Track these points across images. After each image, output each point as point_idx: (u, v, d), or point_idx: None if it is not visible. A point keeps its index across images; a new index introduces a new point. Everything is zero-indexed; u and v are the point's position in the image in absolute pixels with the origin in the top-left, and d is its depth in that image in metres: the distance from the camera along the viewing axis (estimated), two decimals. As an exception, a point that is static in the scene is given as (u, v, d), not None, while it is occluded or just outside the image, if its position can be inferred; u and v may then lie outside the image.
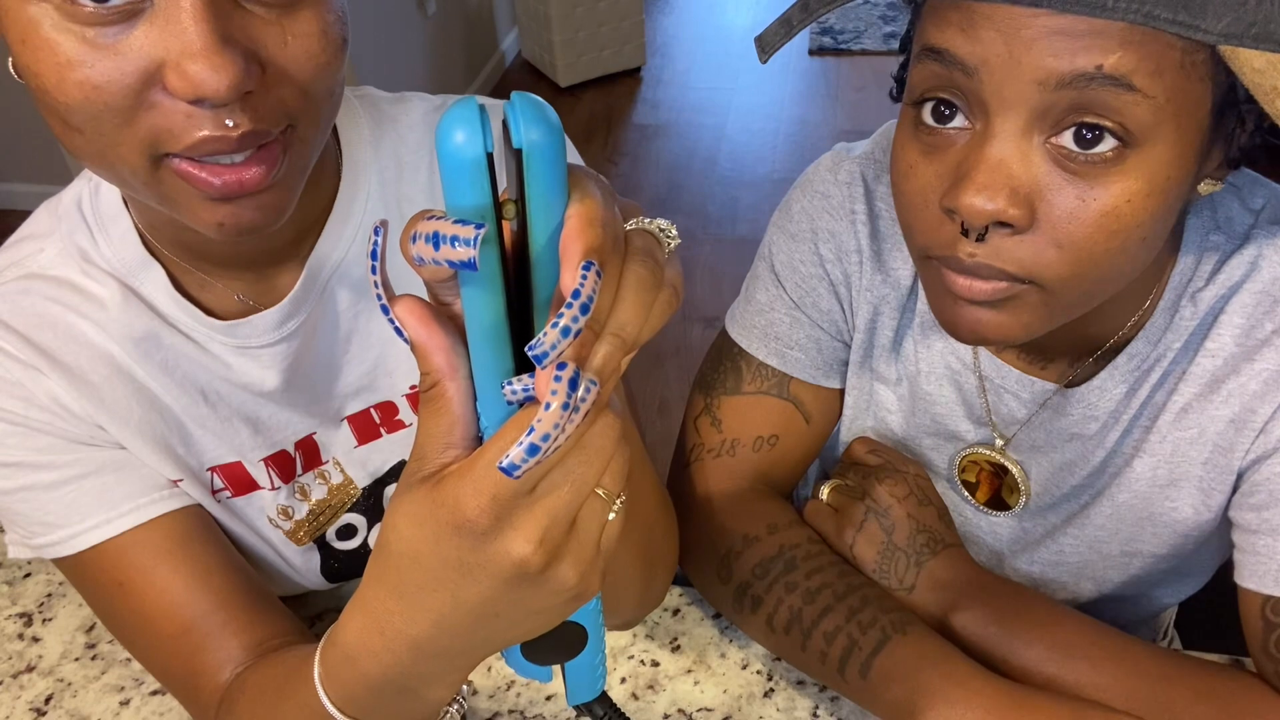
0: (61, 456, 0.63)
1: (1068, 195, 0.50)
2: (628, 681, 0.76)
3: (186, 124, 0.46)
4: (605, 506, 0.37)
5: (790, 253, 0.76)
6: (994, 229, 0.52)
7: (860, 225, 0.74)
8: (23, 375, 0.61)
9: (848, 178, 0.75)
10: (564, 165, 0.32)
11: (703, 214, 2.94)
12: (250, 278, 0.64)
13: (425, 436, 0.36)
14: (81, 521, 0.63)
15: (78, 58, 0.45)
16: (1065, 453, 0.72)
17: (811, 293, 0.76)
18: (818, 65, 3.73)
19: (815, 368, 0.77)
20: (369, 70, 2.68)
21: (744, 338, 0.78)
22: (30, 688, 0.79)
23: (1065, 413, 0.70)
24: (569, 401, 0.31)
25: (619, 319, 0.33)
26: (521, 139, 0.31)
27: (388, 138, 0.67)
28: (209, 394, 0.66)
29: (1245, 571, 0.63)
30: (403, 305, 0.34)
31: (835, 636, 0.67)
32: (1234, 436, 0.64)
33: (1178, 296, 0.64)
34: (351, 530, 0.77)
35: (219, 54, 0.44)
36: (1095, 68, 0.47)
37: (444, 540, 0.35)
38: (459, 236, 0.30)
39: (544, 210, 0.32)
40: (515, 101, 0.31)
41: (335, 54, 0.50)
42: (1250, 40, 0.45)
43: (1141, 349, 0.66)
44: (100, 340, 0.63)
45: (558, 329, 0.30)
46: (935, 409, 0.76)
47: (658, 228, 0.36)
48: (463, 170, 0.30)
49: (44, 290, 0.62)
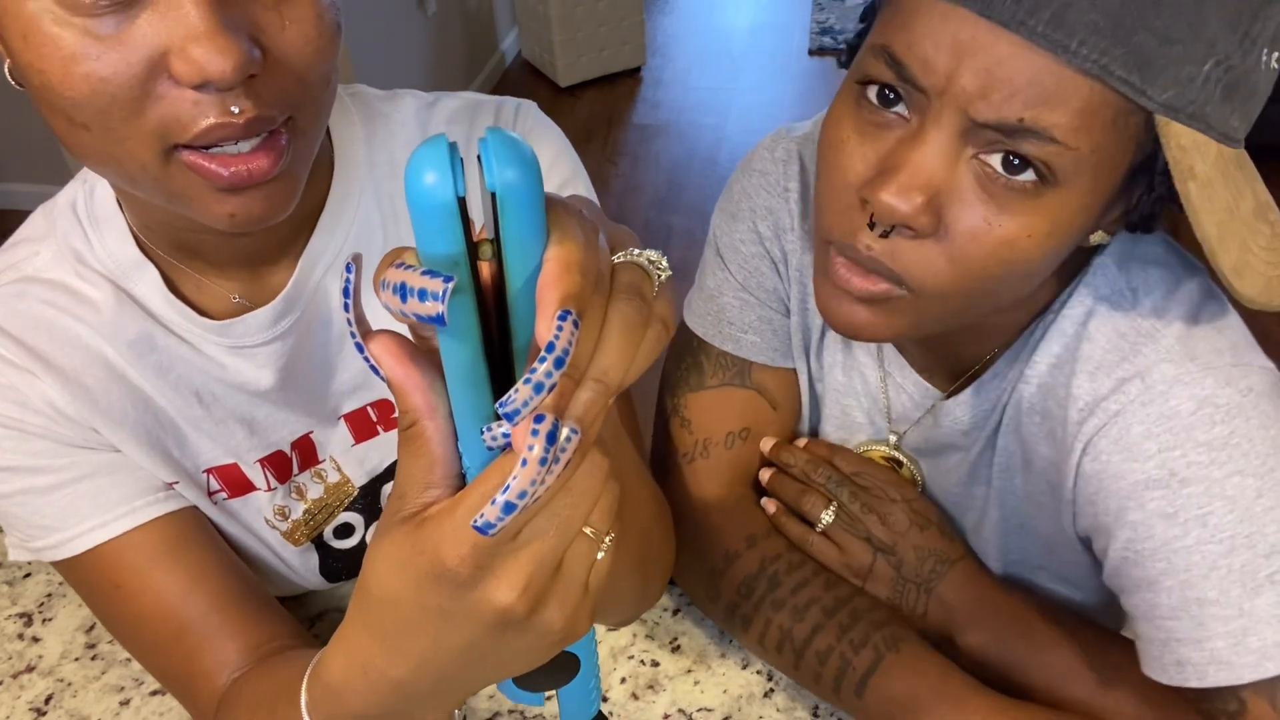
0: (57, 460, 0.63)
1: (976, 214, 0.51)
2: (628, 681, 0.76)
3: (194, 112, 0.46)
4: (593, 546, 0.36)
5: (731, 233, 0.76)
6: (898, 229, 0.52)
7: (794, 203, 0.73)
8: (17, 379, 0.61)
9: (784, 155, 0.75)
10: (541, 204, 0.30)
11: (703, 214, 2.93)
12: (244, 276, 0.64)
13: (405, 476, 0.34)
14: (78, 525, 0.63)
15: (82, 50, 0.45)
16: (945, 460, 0.73)
17: (755, 273, 0.75)
18: (818, 65, 3.72)
19: (772, 349, 0.77)
20: (369, 70, 2.68)
21: (698, 325, 0.78)
22: (30, 688, 0.79)
23: (939, 422, 0.71)
24: (546, 455, 0.30)
25: (601, 363, 0.32)
26: (495, 180, 0.29)
27: (380, 135, 0.67)
28: (204, 396, 0.66)
29: (1145, 662, 0.59)
30: (378, 343, 0.33)
31: (828, 657, 0.67)
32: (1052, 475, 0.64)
33: (1040, 321, 0.64)
34: (349, 529, 0.77)
35: (222, 36, 0.44)
36: (1017, 120, 0.48)
37: (424, 587, 0.34)
38: (426, 290, 0.28)
39: (520, 252, 0.30)
40: (489, 139, 0.29)
41: (330, 39, 0.50)
42: (1186, 117, 0.47)
43: (1003, 369, 0.66)
44: (95, 343, 0.63)
45: (530, 385, 0.29)
46: (844, 399, 0.77)
47: (647, 259, 0.34)
48: (432, 216, 0.29)
49: (39, 294, 0.62)
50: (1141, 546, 0.57)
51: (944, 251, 0.52)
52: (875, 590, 0.72)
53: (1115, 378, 0.59)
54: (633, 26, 3.57)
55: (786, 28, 4.00)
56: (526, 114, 0.70)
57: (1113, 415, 0.58)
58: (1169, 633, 0.57)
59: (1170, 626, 0.57)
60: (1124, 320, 0.60)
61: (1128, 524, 0.58)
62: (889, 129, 0.53)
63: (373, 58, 2.73)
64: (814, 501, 0.74)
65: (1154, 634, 0.58)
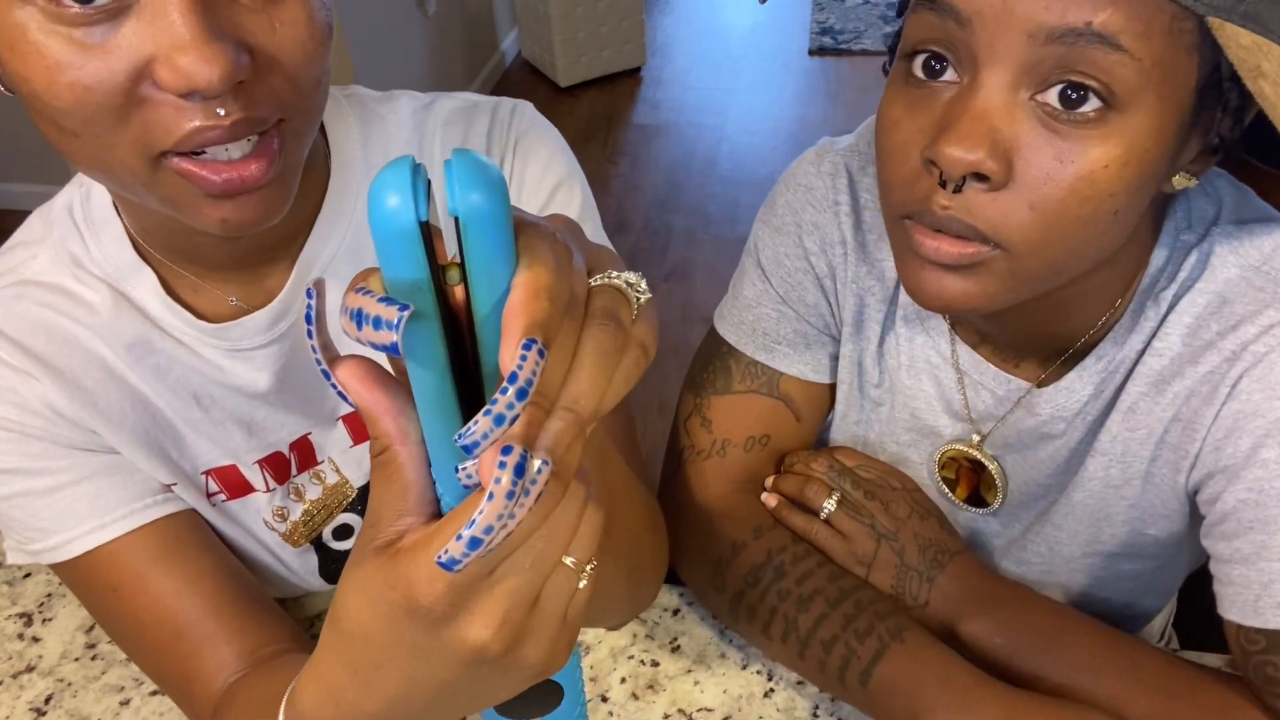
0: (56, 462, 0.63)
1: (1046, 155, 0.50)
2: (628, 681, 0.76)
3: (177, 117, 0.46)
4: (573, 577, 0.35)
5: (775, 247, 0.76)
6: (970, 182, 0.51)
7: (844, 217, 0.74)
8: (16, 381, 0.61)
9: (831, 169, 0.75)
10: (508, 227, 0.29)
11: (703, 214, 2.93)
12: (242, 279, 0.64)
13: (378, 503, 0.33)
14: (76, 527, 0.63)
15: (66, 59, 0.44)
16: (1037, 452, 0.72)
17: (797, 286, 0.76)
18: (818, 65, 3.72)
19: (804, 363, 0.77)
20: (369, 70, 2.68)
21: (731, 334, 0.78)
22: (30, 688, 0.79)
23: (1035, 412, 0.70)
24: (514, 489, 0.28)
25: (573, 391, 0.31)
26: (458, 205, 0.28)
27: (376, 136, 0.67)
28: (202, 397, 0.66)
29: (1224, 603, 0.62)
30: (345, 368, 0.32)
31: (833, 646, 0.67)
32: (1180, 437, 0.64)
33: (1145, 296, 0.64)
34: (348, 530, 0.76)
35: (209, 45, 0.44)
36: (1085, 24, 0.47)
37: (397, 623, 0.33)
38: (381, 318, 0.27)
39: (486, 277, 0.29)
40: (453, 161, 0.28)
41: (322, 41, 0.50)
42: (1239, 18, 0.46)
43: (1109, 350, 0.66)
44: (93, 345, 0.63)
45: (490, 417, 0.27)
46: (914, 403, 0.76)
47: (625, 282, 0.33)
48: (394, 241, 0.28)
49: (37, 296, 0.62)
50: (1270, 485, 0.58)
51: (1022, 198, 0.51)
52: (879, 579, 0.72)
53: (1260, 325, 0.59)
54: (633, 26, 3.57)
55: (786, 28, 4.00)
56: (522, 114, 0.70)
57: (1260, 357, 0.59)
58: (1275, 575, 0.58)
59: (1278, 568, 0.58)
60: (1256, 274, 0.61)
61: (1259, 462, 0.59)
62: (939, 96, 0.52)
63: (373, 58, 2.73)
64: (817, 490, 0.75)
65: (1255, 577, 0.59)
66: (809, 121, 3.37)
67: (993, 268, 0.54)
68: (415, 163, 0.29)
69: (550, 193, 0.68)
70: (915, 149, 0.53)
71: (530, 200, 0.68)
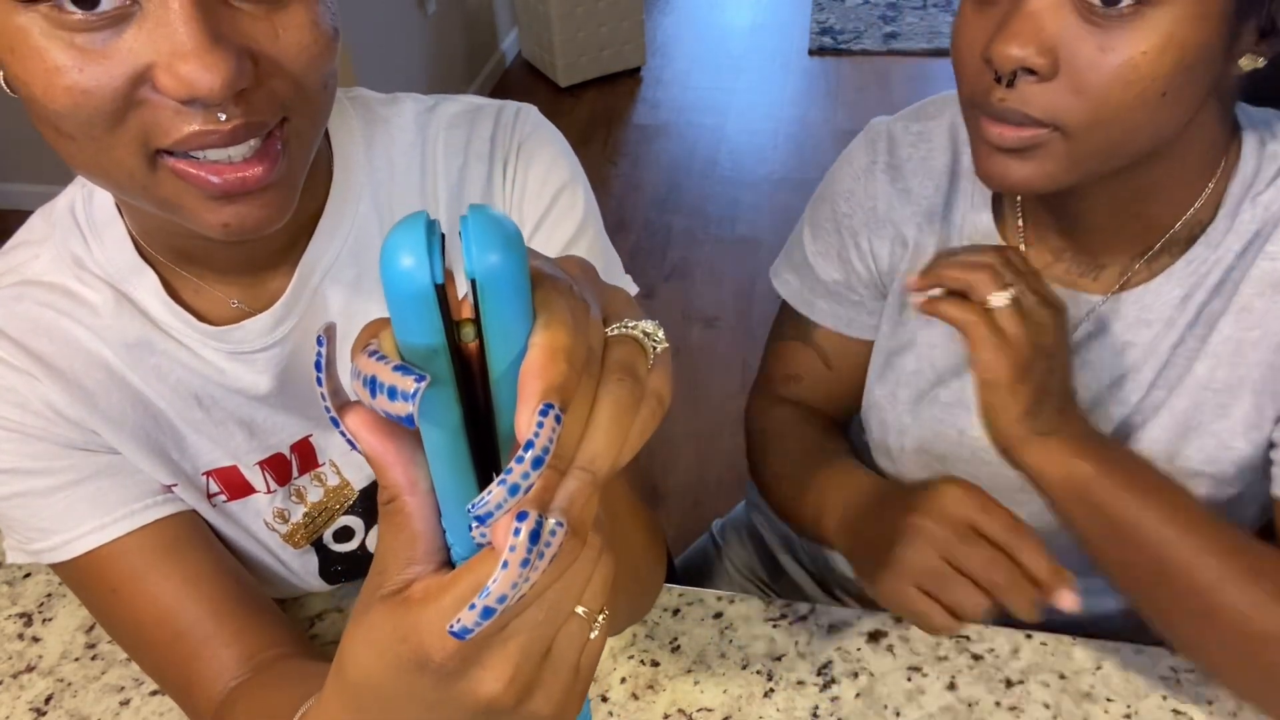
0: (56, 462, 0.63)
1: (1089, 46, 0.57)
2: (628, 681, 0.76)
3: (176, 120, 0.46)
4: (585, 626, 0.34)
5: (817, 212, 0.86)
6: (1022, 76, 0.58)
7: (880, 169, 0.81)
8: (17, 381, 0.61)
9: (873, 136, 0.83)
10: (525, 286, 0.28)
11: (703, 214, 2.93)
12: (243, 282, 0.64)
13: (386, 550, 0.33)
14: (76, 527, 0.63)
15: (65, 64, 0.44)
16: (1116, 366, 0.73)
17: (834, 246, 0.84)
18: (818, 65, 3.72)
19: (835, 317, 0.87)
20: (369, 70, 2.68)
21: (784, 288, 0.90)
22: (30, 688, 0.79)
23: (1119, 316, 0.72)
24: (529, 557, 0.28)
25: (589, 451, 0.30)
26: (475, 267, 0.27)
27: (379, 139, 0.67)
28: (203, 398, 0.66)
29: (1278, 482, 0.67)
30: (354, 416, 0.31)
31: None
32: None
33: (1238, 201, 0.68)
34: (349, 533, 0.76)
35: (210, 53, 0.43)
36: None
37: (406, 675, 0.32)
38: (397, 389, 0.26)
39: (503, 338, 0.28)
40: (470, 221, 0.27)
41: (327, 44, 0.50)
42: None
43: (1201, 253, 0.69)
44: (94, 346, 0.62)
45: (505, 486, 0.27)
46: None
47: (642, 332, 0.32)
48: (408, 304, 0.27)
49: (39, 296, 0.62)
50: None
51: (1069, 86, 0.58)
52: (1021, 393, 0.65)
53: None
54: (633, 26, 3.57)
55: (786, 28, 4.00)
56: (526, 118, 0.70)
57: None
58: None
59: None
60: None
61: None
62: (998, 2, 0.60)
63: (373, 58, 2.73)
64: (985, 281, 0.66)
65: None
66: (809, 121, 3.37)
67: (1051, 149, 0.61)
68: (429, 220, 0.28)
69: (553, 198, 0.68)
70: (978, 46, 0.61)
71: (532, 206, 0.68)
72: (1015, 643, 0.77)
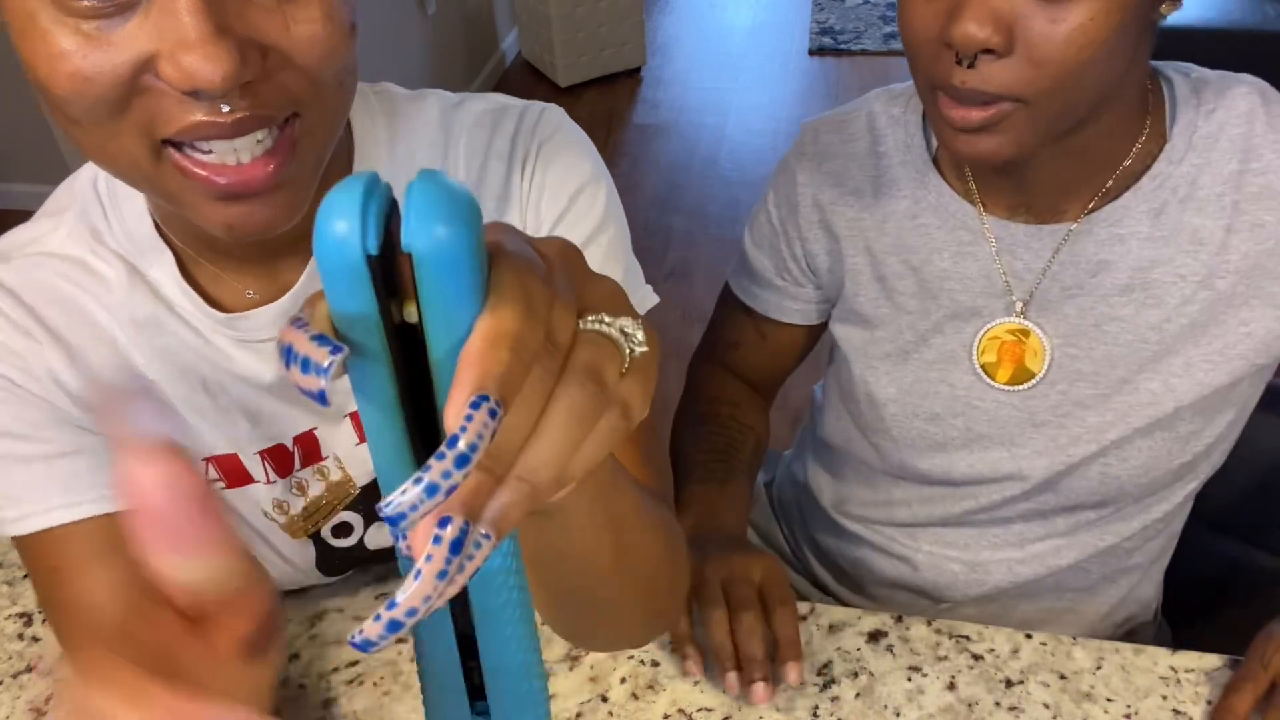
0: (43, 432, 0.62)
1: (1040, 19, 0.60)
2: (628, 681, 0.76)
3: (179, 109, 0.46)
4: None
5: (765, 204, 0.92)
6: (981, 56, 0.61)
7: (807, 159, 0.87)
8: (24, 346, 0.61)
9: (801, 132, 0.90)
10: (474, 264, 0.25)
11: (703, 214, 2.93)
12: (260, 271, 0.64)
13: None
14: (43, 502, 0.62)
15: (69, 49, 0.44)
16: (1094, 288, 0.75)
17: (772, 235, 0.90)
18: (818, 65, 3.72)
19: (766, 303, 0.93)
20: (369, 70, 2.65)
21: (733, 280, 0.97)
22: (30, 688, 0.79)
23: (1091, 235, 0.74)
24: (446, 569, 0.25)
25: (532, 459, 0.27)
26: (411, 239, 0.24)
27: (403, 134, 0.67)
28: (209, 384, 0.66)
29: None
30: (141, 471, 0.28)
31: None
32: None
33: (1191, 119, 0.72)
34: (347, 529, 0.76)
35: (214, 44, 0.43)
36: None
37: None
38: (311, 360, 0.24)
39: (443, 319, 0.26)
40: (413, 189, 0.25)
41: (342, 38, 0.49)
42: None
43: (1164, 169, 0.73)
44: (105, 321, 0.62)
45: (421, 485, 0.23)
46: (949, 285, 0.79)
47: (620, 330, 0.29)
48: (338, 272, 0.25)
49: (56, 267, 0.62)
50: None
51: (1026, 59, 0.61)
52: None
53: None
54: (633, 26, 3.57)
55: (786, 28, 4.00)
56: (549, 118, 0.69)
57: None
58: None
59: None
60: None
61: None
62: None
63: (373, 57, 2.74)
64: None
65: None
66: (809, 121, 3.37)
67: (1014, 119, 0.64)
68: (374, 182, 0.26)
69: (571, 198, 0.67)
70: (932, 32, 0.63)
71: (550, 206, 0.67)
72: (1015, 643, 0.77)
